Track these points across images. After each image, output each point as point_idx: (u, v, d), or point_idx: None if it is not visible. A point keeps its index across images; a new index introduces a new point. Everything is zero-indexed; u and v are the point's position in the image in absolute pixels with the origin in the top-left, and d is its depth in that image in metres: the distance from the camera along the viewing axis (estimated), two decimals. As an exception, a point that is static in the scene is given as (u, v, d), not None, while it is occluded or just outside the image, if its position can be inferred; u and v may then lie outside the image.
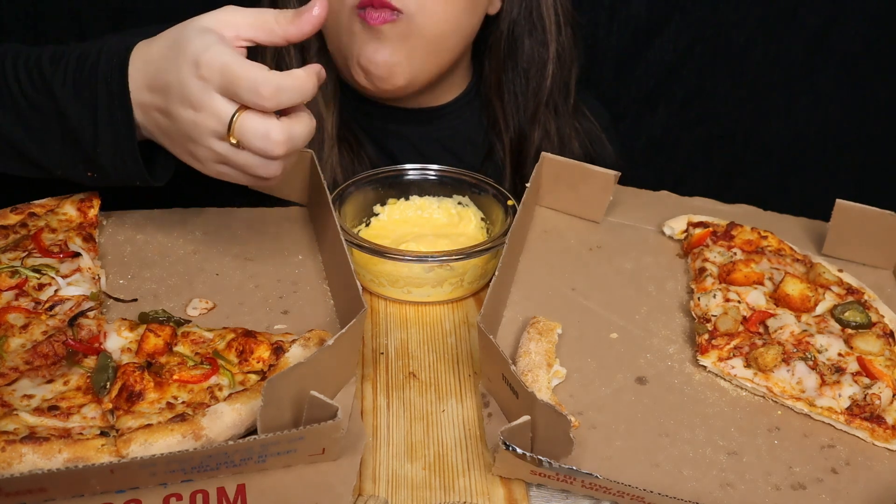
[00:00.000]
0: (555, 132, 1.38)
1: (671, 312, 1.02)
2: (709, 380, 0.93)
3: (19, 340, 0.86)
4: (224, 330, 0.90)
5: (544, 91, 1.35)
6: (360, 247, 1.01)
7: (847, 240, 1.11)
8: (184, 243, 1.07)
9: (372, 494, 0.78)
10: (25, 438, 0.73)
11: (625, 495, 0.76)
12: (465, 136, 1.41)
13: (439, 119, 1.39)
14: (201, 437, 0.76)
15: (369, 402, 0.89)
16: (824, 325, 0.97)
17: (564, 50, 1.34)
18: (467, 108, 1.41)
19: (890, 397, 0.88)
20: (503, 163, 1.39)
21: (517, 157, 1.38)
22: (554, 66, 1.34)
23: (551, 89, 1.35)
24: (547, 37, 1.32)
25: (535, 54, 1.33)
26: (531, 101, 1.36)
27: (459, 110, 1.41)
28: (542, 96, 1.35)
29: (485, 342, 0.85)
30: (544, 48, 1.33)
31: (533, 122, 1.36)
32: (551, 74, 1.34)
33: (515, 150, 1.38)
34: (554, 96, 1.36)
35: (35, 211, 1.04)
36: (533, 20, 1.32)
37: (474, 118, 1.42)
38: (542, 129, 1.37)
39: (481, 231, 1.13)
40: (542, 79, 1.34)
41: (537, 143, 1.37)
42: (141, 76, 0.90)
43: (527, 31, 1.32)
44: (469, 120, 1.41)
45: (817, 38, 1.79)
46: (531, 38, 1.32)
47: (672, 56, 1.81)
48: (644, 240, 1.15)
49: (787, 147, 1.92)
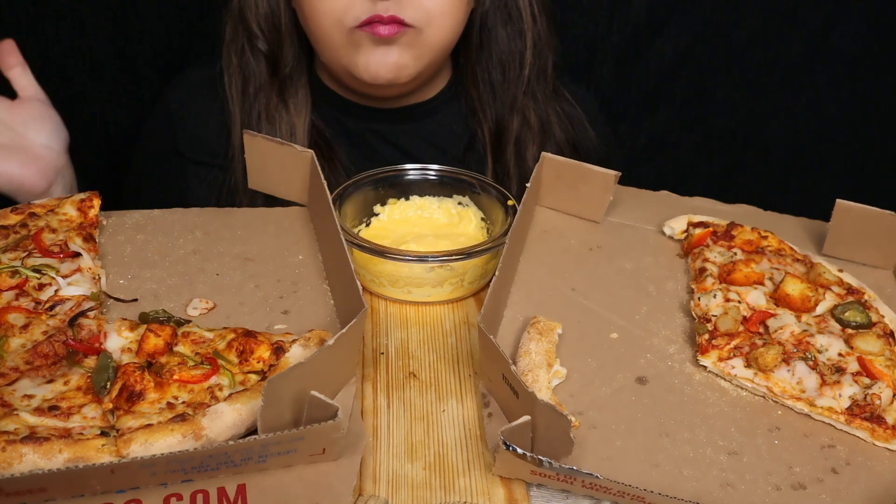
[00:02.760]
0: (535, 119, 1.37)
1: (671, 312, 1.02)
2: (709, 380, 0.93)
3: (19, 340, 0.86)
4: (224, 330, 0.90)
5: (523, 80, 1.35)
6: (360, 247, 1.01)
7: (847, 240, 1.11)
8: (184, 243, 1.07)
9: (372, 494, 0.78)
10: (26, 438, 0.73)
11: (625, 495, 0.76)
12: (449, 129, 1.42)
13: (425, 115, 1.40)
14: (201, 437, 0.76)
15: (369, 402, 0.89)
16: (824, 325, 0.97)
17: (541, 38, 1.34)
18: (451, 102, 1.42)
19: (890, 397, 0.88)
20: (484, 152, 1.39)
21: (497, 145, 1.38)
22: (531, 55, 1.33)
23: (529, 77, 1.35)
24: (523, 26, 1.32)
25: (512, 45, 1.33)
26: (509, 91, 1.36)
27: (444, 104, 1.41)
28: (520, 85, 1.35)
29: (485, 342, 0.85)
30: (521, 38, 1.33)
31: (512, 110, 1.36)
32: (529, 63, 1.34)
33: (495, 139, 1.38)
34: (532, 84, 1.36)
35: (35, 211, 1.04)
36: (508, 11, 1.32)
37: (457, 111, 1.42)
38: (521, 116, 1.37)
39: (481, 231, 1.13)
40: (520, 68, 1.34)
41: (516, 130, 1.37)
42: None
43: (500, 21, 1.32)
44: (452, 113, 1.42)
45: (817, 38, 1.79)
46: (506, 29, 1.32)
47: (672, 56, 1.81)
48: (644, 240, 1.15)
49: (787, 147, 1.92)
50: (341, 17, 1.20)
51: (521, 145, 1.37)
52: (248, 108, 1.32)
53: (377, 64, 1.22)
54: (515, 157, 1.37)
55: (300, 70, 1.34)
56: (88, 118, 1.69)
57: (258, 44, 1.30)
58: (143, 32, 1.64)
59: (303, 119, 1.33)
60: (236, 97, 1.32)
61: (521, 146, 1.37)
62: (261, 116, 1.31)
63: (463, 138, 1.41)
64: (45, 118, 1.19)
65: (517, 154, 1.37)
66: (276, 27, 1.29)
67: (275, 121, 1.31)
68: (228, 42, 1.32)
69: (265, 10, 1.29)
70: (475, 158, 1.40)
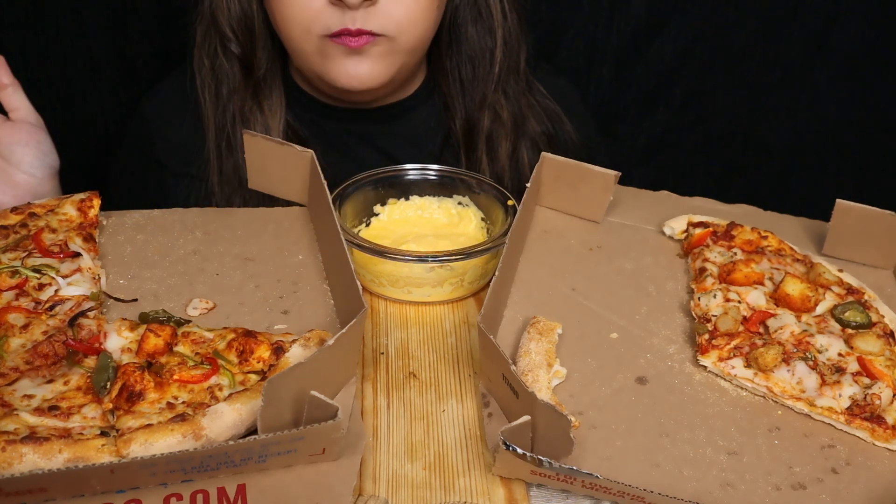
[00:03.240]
0: (507, 115, 1.36)
1: (671, 312, 1.02)
2: (709, 380, 0.93)
3: (19, 340, 0.86)
4: (224, 330, 0.90)
5: (493, 77, 1.33)
6: (360, 247, 1.01)
7: (847, 240, 1.11)
8: (184, 243, 1.07)
9: (372, 494, 0.78)
10: (26, 438, 0.73)
11: (625, 495, 0.76)
12: (426, 126, 1.41)
13: (402, 114, 1.39)
14: (201, 437, 0.76)
15: (369, 402, 0.89)
16: (824, 325, 0.97)
17: (511, 35, 1.33)
18: (427, 99, 1.41)
19: (890, 397, 0.88)
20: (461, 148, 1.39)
21: (468, 142, 1.37)
22: (501, 53, 1.32)
23: (499, 74, 1.33)
24: (493, 23, 1.31)
25: (482, 42, 1.32)
26: (479, 88, 1.35)
27: (420, 103, 1.40)
28: (490, 82, 1.34)
29: (485, 342, 0.85)
30: (490, 35, 1.32)
31: (482, 107, 1.35)
32: (499, 61, 1.32)
33: (466, 135, 1.37)
34: (503, 81, 1.34)
35: (35, 211, 1.04)
36: (478, 8, 1.31)
37: (432, 107, 1.41)
38: (493, 112, 1.35)
39: (481, 231, 1.13)
40: (490, 66, 1.33)
41: (488, 127, 1.36)
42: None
43: (470, 19, 1.31)
44: (428, 110, 1.41)
45: (817, 38, 1.79)
46: (476, 26, 1.31)
47: (672, 56, 1.81)
48: (644, 240, 1.15)
49: (787, 147, 1.92)
50: (310, 25, 1.18)
51: (492, 141, 1.36)
52: (221, 110, 1.30)
53: (348, 75, 1.21)
54: (487, 153, 1.36)
55: (274, 72, 1.32)
56: (88, 118, 1.69)
57: (231, 46, 1.27)
58: (143, 32, 1.65)
59: (277, 121, 1.31)
60: (209, 100, 1.30)
61: (492, 142, 1.36)
62: (235, 119, 1.29)
63: (438, 134, 1.40)
64: (31, 144, 1.15)
65: (489, 150, 1.36)
66: (249, 29, 1.27)
67: (249, 123, 1.29)
68: (199, 44, 1.30)
69: (237, 12, 1.26)
70: (451, 154, 1.39)
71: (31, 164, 1.16)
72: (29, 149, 1.16)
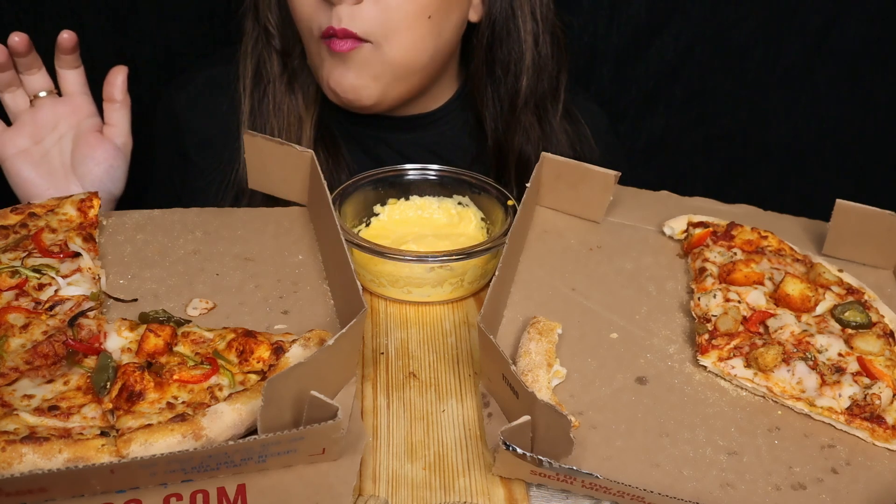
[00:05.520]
0: (537, 138, 1.36)
1: (671, 312, 1.02)
2: (709, 380, 0.93)
3: (19, 340, 0.86)
4: (224, 330, 0.90)
5: (519, 99, 1.33)
6: (360, 247, 1.01)
7: (847, 240, 1.11)
8: (184, 243, 1.07)
9: (372, 494, 0.78)
10: (26, 438, 0.73)
11: (625, 495, 0.76)
12: (452, 140, 1.41)
13: (427, 126, 1.39)
14: (201, 437, 0.76)
15: (369, 402, 0.89)
16: (824, 325, 0.97)
17: (542, 58, 1.32)
18: (455, 114, 1.41)
19: (890, 397, 0.88)
20: (491, 166, 1.39)
21: (499, 161, 1.38)
22: (529, 76, 1.32)
23: (527, 97, 1.33)
24: (522, 46, 1.31)
25: (510, 64, 1.32)
26: (507, 108, 1.34)
27: (447, 116, 1.40)
28: (517, 103, 1.34)
29: (485, 342, 0.85)
30: (520, 58, 1.31)
31: (509, 127, 1.35)
32: (526, 84, 1.32)
33: (497, 154, 1.38)
34: (530, 104, 1.34)
35: (35, 211, 1.04)
36: (509, 29, 1.30)
37: (462, 123, 1.41)
38: (524, 134, 1.35)
39: (481, 231, 1.13)
40: (516, 87, 1.33)
41: (518, 147, 1.36)
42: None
43: (500, 41, 1.31)
44: (457, 125, 1.41)
45: (817, 38, 1.79)
46: (503, 49, 1.31)
47: (672, 56, 1.81)
48: (644, 240, 1.15)
49: (787, 147, 1.92)
50: (310, 25, 1.19)
51: (524, 162, 1.36)
52: (258, 100, 1.32)
53: (336, 83, 1.22)
54: (516, 173, 1.36)
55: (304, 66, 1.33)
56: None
57: (273, 42, 1.30)
58: (143, 32, 1.65)
59: (311, 113, 1.32)
60: (248, 89, 1.32)
61: (522, 163, 1.36)
62: (270, 109, 1.31)
63: (470, 150, 1.40)
64: (103, 164, 1.18)
65: (518, 170, 1.36)
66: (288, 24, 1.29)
67: (283, 113, 1.30)
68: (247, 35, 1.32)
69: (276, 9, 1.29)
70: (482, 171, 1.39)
71: (92, 183, 1.18)
72: (99, 168, 1.18)
